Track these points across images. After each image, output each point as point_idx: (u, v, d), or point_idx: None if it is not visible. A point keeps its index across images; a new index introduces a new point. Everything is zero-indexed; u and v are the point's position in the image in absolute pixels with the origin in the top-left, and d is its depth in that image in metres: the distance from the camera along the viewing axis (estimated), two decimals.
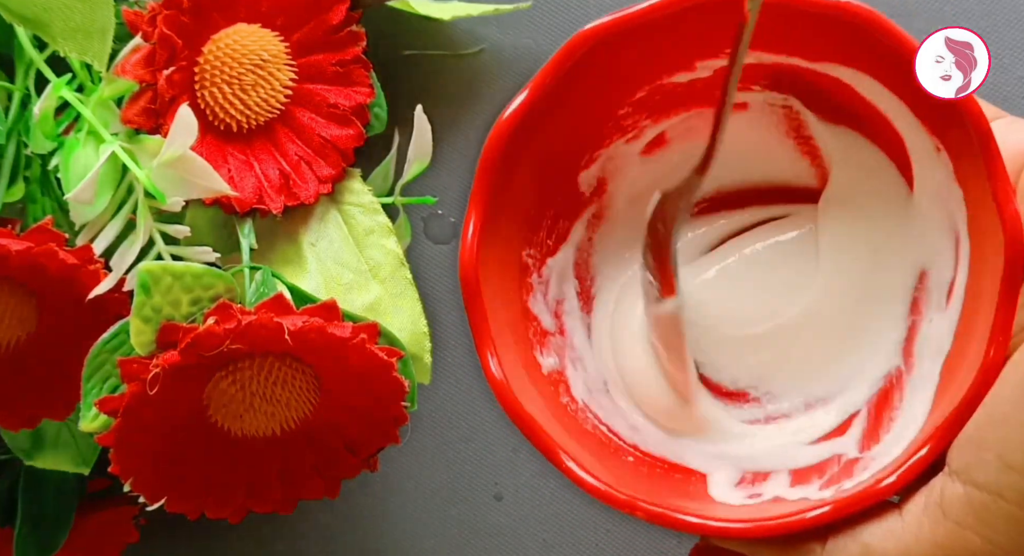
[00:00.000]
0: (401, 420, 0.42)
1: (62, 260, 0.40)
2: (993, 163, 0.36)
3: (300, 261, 0.46)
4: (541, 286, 0.43)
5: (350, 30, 0.46)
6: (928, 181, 0.40)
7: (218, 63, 0.43)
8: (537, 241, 0.43)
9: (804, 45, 0.40)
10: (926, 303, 0.41)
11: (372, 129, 0.47)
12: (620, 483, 0.38)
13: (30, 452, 0.46)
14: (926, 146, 0.40)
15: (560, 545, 0.52)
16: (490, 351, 0.39)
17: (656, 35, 0.40)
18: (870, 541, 0.36)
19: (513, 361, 0.40)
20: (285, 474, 0.43)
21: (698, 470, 0.41)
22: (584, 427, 0.42)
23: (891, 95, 0.40)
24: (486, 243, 0.39)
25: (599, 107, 0.42)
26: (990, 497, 0.33)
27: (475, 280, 0.39)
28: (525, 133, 0.40)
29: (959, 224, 0.39)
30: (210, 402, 0.42)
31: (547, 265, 0.43)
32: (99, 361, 0.41)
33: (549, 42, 0.52)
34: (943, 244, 0.40)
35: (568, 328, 0.43)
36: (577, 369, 0.43)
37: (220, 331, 0.39)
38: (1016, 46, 0.50)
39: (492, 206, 0.40)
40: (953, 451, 0.35)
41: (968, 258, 0.39)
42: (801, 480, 0.40)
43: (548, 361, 0.42)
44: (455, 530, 0.52)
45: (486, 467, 0.52)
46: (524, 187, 0.41)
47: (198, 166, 0.41)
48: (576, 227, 0.44)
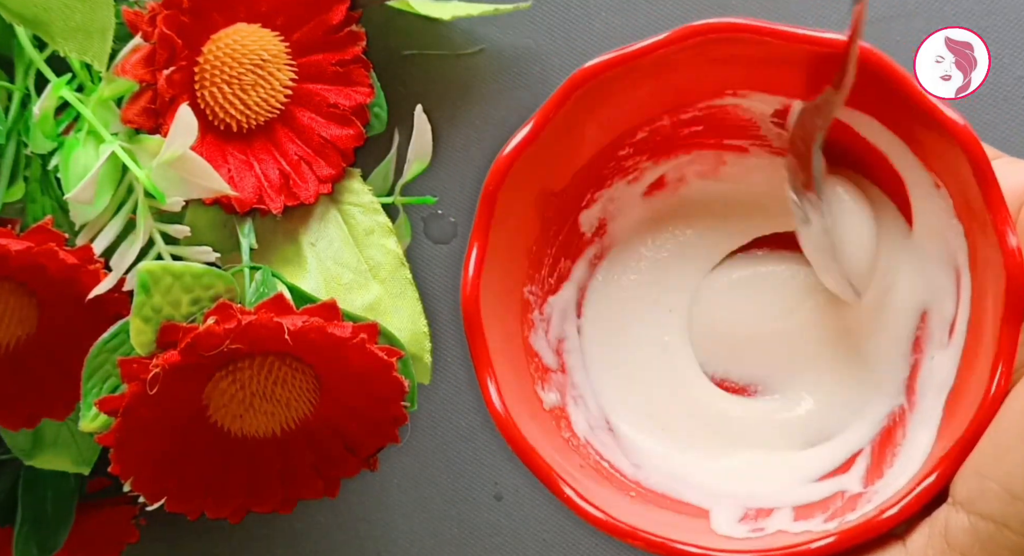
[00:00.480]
0: (401, 420, 0.42)
1: (62, 260, 0.40)
2: (992, 197, 0.36)
3: (300, 261, 0.46)
4: (543, 323, 0.43)
5: (350, 30, 0.46)
6: (928, 218, 0.40)
7: (218, 63, 0.43)
8: (539, 278, 0.43)
9: (804, 85, 0.40)
10: (928, 341, 0.41)
11: (372, 129, 0.47)
12: (621, 514, 0.39)
13: (30, 452, 0.46)
14: (925, 183, 0.40)
15: (560, 545, 0.52)
16: (492, 383, 0.39)
17: (658, 73, 0.40)
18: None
19: (514, 394, 0.40)
20: (285, 474, 0.43)
21: (700, 506, 0.41)
22: (586, 462, 0.42)
23: (890, 134, 0.40)
24: (488, 277, 0.40)
25: (600, 145, 0.42)
26: (995, 527, 0.34)
27: (476, 313, 0.39)
28: (526, 168, 0.40)
29: (960, 260, 0.39)
30: (210, 402, 0.42)
31: (548, 303, 0.43)
32: (99, 361, 0.41)
33: (549, 42, 0.52)
34: (944, 281, 0.40)
35: (569, 366, 0.43)
36: (579, 406, 0.43)
37: (220, 331, 0.39)
38: (1016, 46, 0.50)
39: (493, 240, 0.40)
40: (957, 482, 0.35)
41: (969, 293, 0.39)
42: (804, 516, 0.40)
43: (550, 397, 0.42)
44: (455, 530, 0.52)
45: (486, 467, 0.52)
46: (526, 223, 0.41)
47: (198, 166, 0.41)
48: (578, 266, 0.44)
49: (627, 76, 0.40)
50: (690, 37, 0.39)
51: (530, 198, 0.41)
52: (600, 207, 0.43)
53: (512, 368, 0.40)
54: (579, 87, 0.39)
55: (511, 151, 0.39)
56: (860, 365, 0.42)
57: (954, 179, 0.38)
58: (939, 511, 0.35)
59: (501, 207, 0.39)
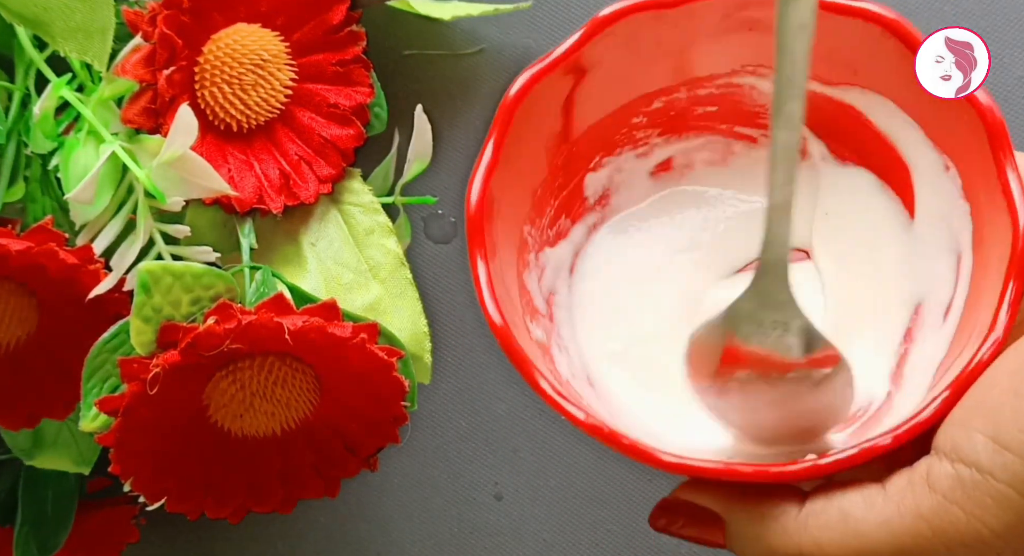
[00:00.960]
0: (401, 420, 0.42)
1: (62, 260, 0.40)
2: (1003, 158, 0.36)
3: (300, 261, 0.46)
4: (536, 269, 0.42)
5: (350, 30, 0.46)
6: (932, 203, 0.40)
7: (218, 63, 0.43)
8: (539, 224, 0.42)
9: (823, 63, 0.40)
10: (920, 330, 0.41)
11: (372, 129, 0.47)
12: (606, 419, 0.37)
13: (30, 452, 0.46)
14: (935, 166, 0.40)
15: (560, 545, 0.52)
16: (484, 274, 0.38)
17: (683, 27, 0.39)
18: (849, 509, 0.35)
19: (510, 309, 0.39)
20: (285, 474, 0.43)
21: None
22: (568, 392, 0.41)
23: (903, 115, 0.40)
24: (495, 189, 0.39)
25: (617, 102, 0.42)
26: (980, 475, 0.33)
27: (479, 217, 0.39)
28: (546, 97, 0.39)
29: (963, 242, 0.39)
30: (210, 402, 0.42)
31: (544, 253, 0.43)
32: (99, 361, 0.41)
33: (549, 42, 0.52)
34: (943, 268, 0.40)
35: (557, 319, 0.43)
36: (562, 353, 0.42)
37: (220, 331, 0.39)
38: (1016, 46, 0.50)
39: (503, 162, 0.39)
40: (940, 435, 0.35)
41: (969, 275, 0.39)
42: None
43: (537, 332, 0.41)
44: (455, 530, 0.52)
45: (486, 467, 0.52)
46: (535, 162, 0.41)
47: (198, 166, 0.41)
48: (577, 228, 0.44)
49: (653, 23, 0.39)
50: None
51: (543, 137, 0.41)
52: (606, 175, 0.43)
53: (505, 288, 0.40)
54: (606, 25, 0.39)
55: (536, 73, 0.39)
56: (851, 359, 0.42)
57: (966, 157, 0.38)
58: (920, 461, 0.35)
59: (516, 127, 0.39)
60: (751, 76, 0.42)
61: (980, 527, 0.33)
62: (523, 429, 0.52)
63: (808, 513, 0.36)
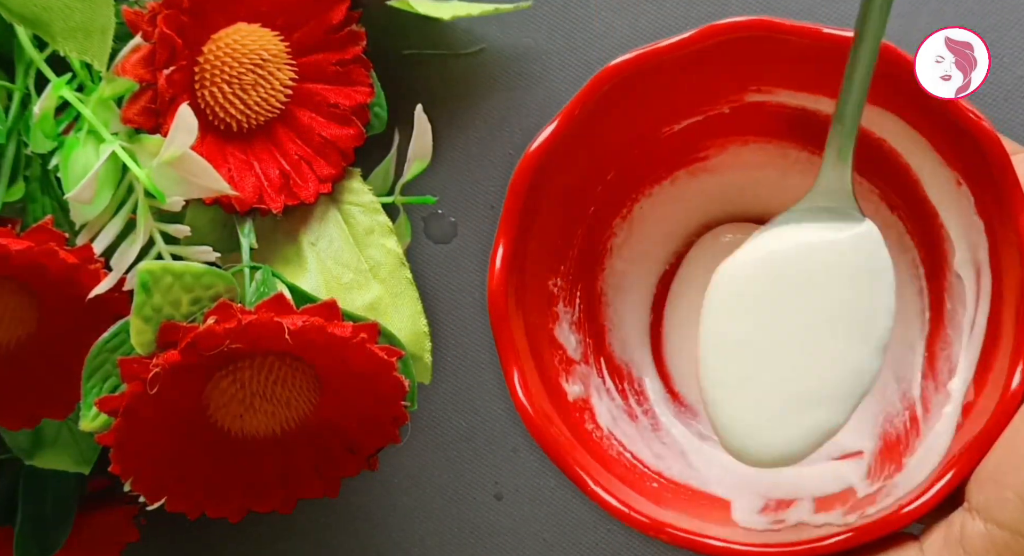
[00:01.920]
0: (401, 420, 0.42)
1: (62, 260, 0.40)
2: (1013, 193, 0.37)
3: (300, 261, 0.46)
4: (567, 315, 0.43)
5: (350, 30, 0.46)
6: (948, 218, 0.40)
7: (218, 63, 0.43)
8: (564, 272, 0.43)
9: (830, 83, 0.40)
10: (946, 340, 0.41)
11: (372, 129, 0.47)
12: (644, 507, 0.39)
13: (30, 452, 0.46)
14: (946, 182, 0.40)
15: (560, 545, 0.52)
16: (518, 377, 0.39)
17: (683, 73, 0.40)
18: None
19: (539, 388, 0.40)
20: (285, 474, 0.43)
21: (722, 497, 0.42)
22: (609, 453, 0.42)
23: (913, 132, 0.40)
24: (513, 272, 0.40)
25: (623, 145, 0.42)
26: (1011, 536, 0.34)
27: (504, 308, 0.39)
28: (554, 162, 0.40)
29: (980, 256, 0.39)
30: (210, 402, 0.42)
31: (576, 295, 0.43)
32: (99, 361, 0.41)
33: (549, 42, 0.52)
34: (967, 282, 0.40)
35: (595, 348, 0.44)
36: (602, 397, 0.43)
37: (220, 331, 0.39)
38: (1016, 46, 0.50)
39: (520, 233, 0.40)
40: (972, 487, 0.36)
41: (989, 290, 0.39)
42: (824, 507, 0.41)
43: (574, 389, 0.42)
44: (455, 530, 0.52)
45: (486, 467, 0.52)
46: (551, 219, 0.41)
47: (198, 166, 0.41)
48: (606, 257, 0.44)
49: (652, 73, 0.40)
50: (718, 34, 0.39)
51: (555, 194, 0.41)
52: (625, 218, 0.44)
53: (537, 362, 0.41)
54: (606, 83, 0.39)
55: (538, 147, 0.39)
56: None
57: (975, 175, 0.38)
58: (955, 515, 0.36)
59: (528, 203, 0.40)
60: (758, 94, 0.42)
61: None
62: (523, 429, 0.52)
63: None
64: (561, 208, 0.42)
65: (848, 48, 0.38)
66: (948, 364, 0.41)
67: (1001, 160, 0.37)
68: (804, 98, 0.41)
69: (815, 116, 0.41)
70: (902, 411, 0.42)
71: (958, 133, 0.38)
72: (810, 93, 0.41)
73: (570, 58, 0.52)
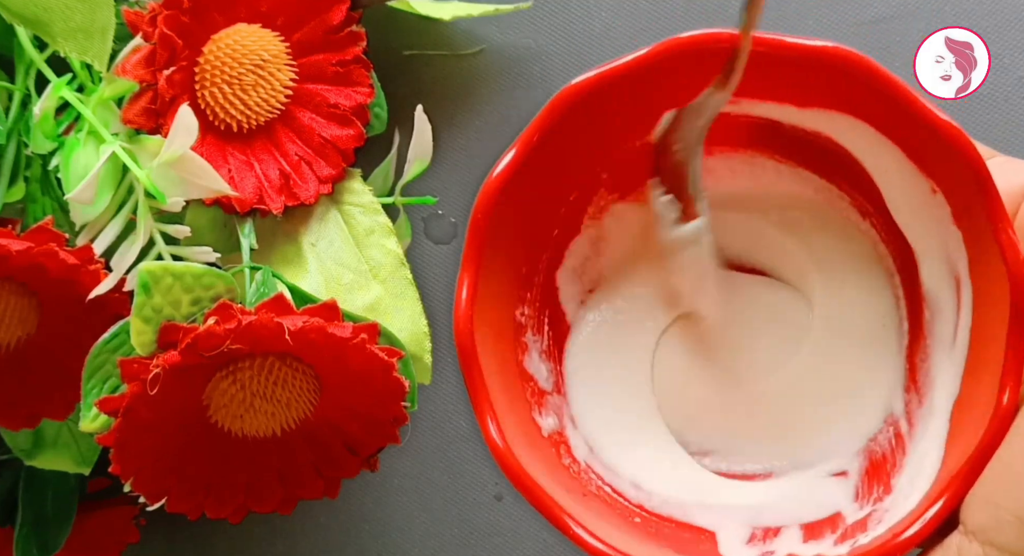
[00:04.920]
0: (401, 420, 0.42)
1: (62, 260, 0.40)
2: (991, 202, 0.36)
3: (300, 261, 0.46)
4: (536, 344, 0.42)
5: (350, 30, 0.46)
6: (924, 227, 0.40)
7: (218, 63, 0.43)
8: (530, 299, 0.42)
9: (794, 91, 0.39)
10: (927, 352, 0.41)
11: (372, 129, 0.47)
12: (629, 546, 0.38)
13: (30, 452, 0.46)
14: (921, 190, 0.39)
15: (560, 545, 0.52)
16: (490, 417, 0.39)
17: (643, 88, 0.39)
18: None
19: (513, 425, 0.39)
20: (285, 474, 0.43)
21: (706, 528, 0.41)
22: (588, 488, 0.41)
23: (885, 141, 0.39)
24: (480, 306, 0.39)
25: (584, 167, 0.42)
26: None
27: (471, 344, 0.39)
28: (515, 190, 0.39)
29: (960, 268, 0.39)
30: (210, 402, 0.42)
31: (543, 323, 0.43)
32: (99, 361, 0.41)
33: (549, 42, 0.52)
34: (943, 293, 0.40)
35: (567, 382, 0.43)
36: (576, 427, 0.43)
37: (220, 331, 0.39)
38: (1016, 46, 0.50)
39: (485, 267, 0.39)
40: (967, 509, 0.35)
41: (971, 302, 0.38)
42: (813, 535, 0.40)
43: (547, 422, 0.42)
44: (455, 530, 0.52)
45: (486, 467, 0.52)
46: (515, 247, 0.41)
47: (198, 166, 0.41)
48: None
49: (610, 92, 0.39)
50: (675, 49, 0.39)
51: (519, 222, 0.40)
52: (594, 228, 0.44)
53: (508, 398, 0.40)
54: (564, 106, 0.39)
55: (498, 175, 0.39)
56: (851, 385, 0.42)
57: (952, 184, 0.38)
58: (951, 539, 0.35)
59: (490, 234, 0.39)
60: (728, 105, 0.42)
61: None
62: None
63: None
64: (524, 234, 0.41)
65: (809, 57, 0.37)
66: (930, 376, 0.40)
67: (978, 168, 0.36)
68: (768, 107, 0.41)
69: (779, 126, 0.41)
70: (885, 428, 0.41)
71: (932, 140, 0.37)
72: (775, 102, 0.41)
73: (570, 58, 0.52)
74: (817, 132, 0.40)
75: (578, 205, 0.43)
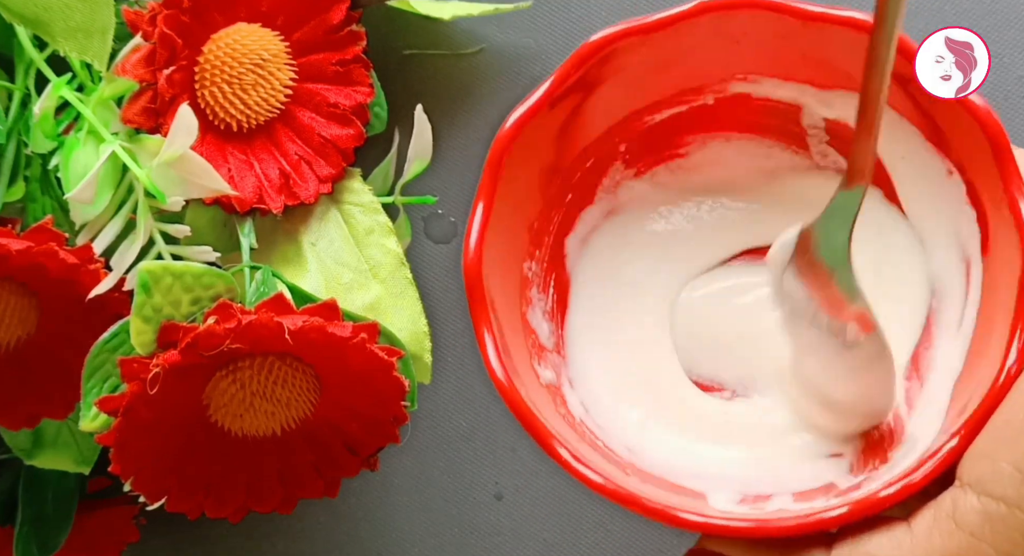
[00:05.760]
0: (401, 420, 0.42)
1: (62, 260, 0.40)
2: (1007, 167, 0.36)
3: (300, 261, 0.46)
4: (540, 302, 0.42)
5: (350, 29, 0.46)
6: (938, 207, 0.40)
7: (218, 62, 0.43)
8: (539, 258, 0.42)
9: (816, 69, 0.39)
10: (932, 331, 0.40)
11: (372, 129, 0.47)
12: (619, 479, 0.38)
13: (30, 452, 0.46)
14: (938, 171, 0.39)
15: (560, 545, 0.52)
16: (490, 341, 0.38)
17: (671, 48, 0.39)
18: (876, 552, 0.35)
19: (514, 362, 0.39)
20: (285, 474, 0.43)
21: (696, 490, 0.40)
22: (583, 436, 0.41)
23: (904, 122, 0.39)
24: (490, 246, 0.39)
25: (605, 125, 0.41)
26: (1007, 509, 0.33)
27: (479, 277, 0.39)
28: (532, 138, 0.39)
29: (971, 248, 0.38)
30: (210, 402, 0.42)
31: (549, 284, 0.43)
32: (99, 361, 0.41)
33: (549, 42, 0.52)
34: (952, 278, 0.39)
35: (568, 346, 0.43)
36: (574, 389, 0.42)
37: (220, 331, 0.39)
38: (1016, 46, 0.50)
39: (497, 209, 0.39)
40: (964, 464, 0.35)
41: (980, 281, 0.38)
42: (805, 499, 0.40)
43: (546, 374, 0.42)
44: (455, 530, 0.52)
45: (486, 467, 0.52)
46: (528, 198, 0.41)
47: (198, 166, 0.41)
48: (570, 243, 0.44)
49: (638, 49, 0.39)
50: (709, 11, 0.38)
51: (533, 172, 0.40)
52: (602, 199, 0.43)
53: (511, 338, 0.40)
54: (590, 58, 0.39)
55: (518, 119, 0.39)
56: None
57: (970, 163, 0.38)
58: (944, 494, 0.35)
59: (505, 176, 0.39)
60: (744, 83, 0.42)
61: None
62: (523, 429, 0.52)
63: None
64: (539, 190, 0.41)
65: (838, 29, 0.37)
66: (933, 361, 0.40)
67: (1000, 142, 0.36)
68: (791, 88, 0.41)
69: (799, 113, 0.41)
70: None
71: (954, 118, 0.37)
72: (797, 82, 0.41)
73: None
74: (836, 121, 0.40)
75: (593, 173, 0.42)
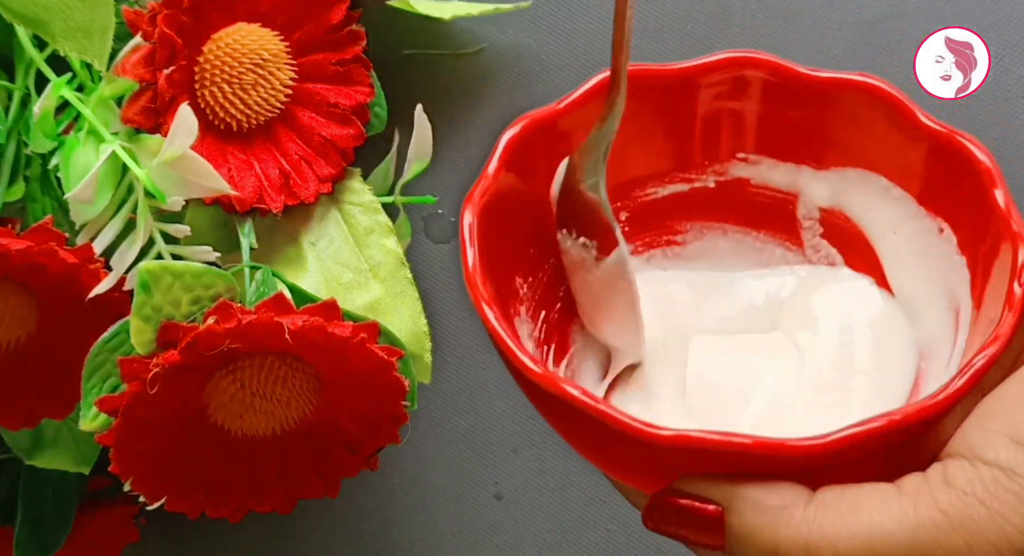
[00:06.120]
0: (401, 419, 0.42)
1: (62, 259, 0.40)
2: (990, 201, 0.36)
3: (300, 260, 0.46)
4: (526, 324, 0.42)
5: (350, 29, 0.46)
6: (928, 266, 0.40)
7: (218, 62, 0.43)
8: (533, 283, 0.41)
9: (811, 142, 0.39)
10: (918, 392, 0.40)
11: (372, 128, 0.47)
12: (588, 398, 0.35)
13: (30, 452, 0.46)
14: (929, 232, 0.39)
15: (560, 545, 0.52)
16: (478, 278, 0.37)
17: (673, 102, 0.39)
18: (861, 501, 0.33)
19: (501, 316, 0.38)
20: (285, 474, 0.43)
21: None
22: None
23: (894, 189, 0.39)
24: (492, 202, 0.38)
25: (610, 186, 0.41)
26: (1002, 472, 0.32)
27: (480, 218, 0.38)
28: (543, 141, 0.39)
29: (961, 295, 0.38)
30: (210, 402, 0.42)
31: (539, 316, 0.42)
32: (99, 360, 0.41)
33: (549, 42, 0.52)
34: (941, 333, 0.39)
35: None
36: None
37: (220, 330, 0.39)
38: (1016, 46, 0.50)
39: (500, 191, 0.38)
40: (955, 440, 0.34)
41: (970, 320, 0.38)
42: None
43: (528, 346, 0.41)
44: (455, 530, 0.52)
45: (486, 467, 0.52)
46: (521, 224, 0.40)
47: (198, 165, 0.41)
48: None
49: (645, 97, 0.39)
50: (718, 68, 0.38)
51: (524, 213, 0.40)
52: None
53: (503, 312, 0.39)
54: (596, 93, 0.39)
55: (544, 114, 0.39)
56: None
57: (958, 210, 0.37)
58: (934, 465, 0.34)
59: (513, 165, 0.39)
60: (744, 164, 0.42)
61: (1003, 523, 0.32)
62: (523, 429, 0.52)
63: (817, 504, 0.34)
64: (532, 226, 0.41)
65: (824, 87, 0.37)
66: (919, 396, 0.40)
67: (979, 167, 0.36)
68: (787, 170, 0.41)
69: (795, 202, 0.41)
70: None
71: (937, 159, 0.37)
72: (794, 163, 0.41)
73: (570, 58, 0.52)
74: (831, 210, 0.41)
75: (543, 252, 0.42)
